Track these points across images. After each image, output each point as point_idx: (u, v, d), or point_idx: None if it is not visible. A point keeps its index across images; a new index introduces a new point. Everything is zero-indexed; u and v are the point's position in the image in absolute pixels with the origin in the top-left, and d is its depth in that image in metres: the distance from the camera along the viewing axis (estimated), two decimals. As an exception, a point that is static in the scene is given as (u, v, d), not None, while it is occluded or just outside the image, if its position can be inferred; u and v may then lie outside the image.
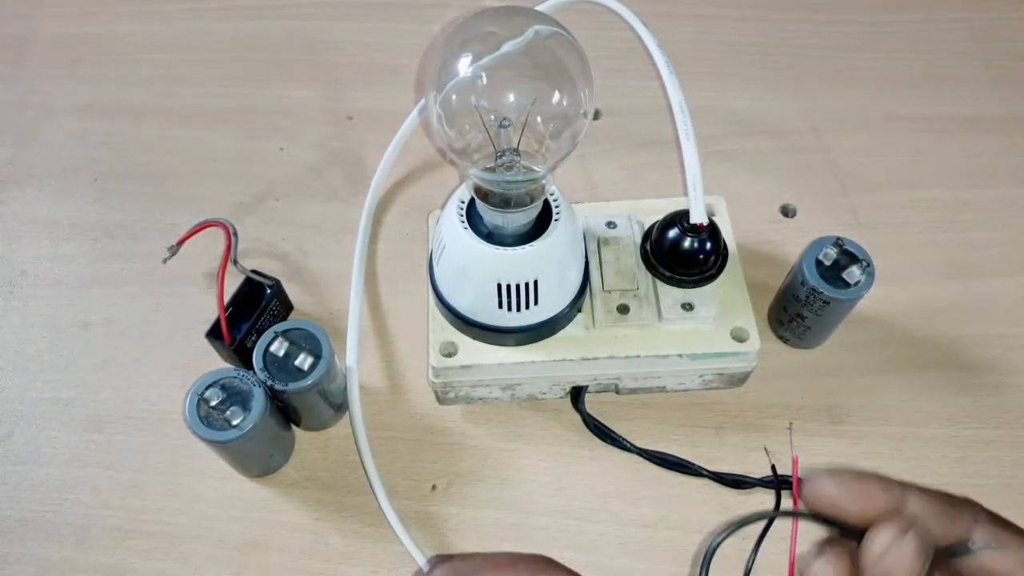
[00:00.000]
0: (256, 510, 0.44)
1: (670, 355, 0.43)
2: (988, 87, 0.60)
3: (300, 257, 0.53)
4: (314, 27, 0.66)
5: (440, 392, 0.45)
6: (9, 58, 0.65)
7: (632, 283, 0.44)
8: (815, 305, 0.44)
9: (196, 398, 0.40)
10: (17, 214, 0.56)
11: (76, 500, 0.45)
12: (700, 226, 0.42)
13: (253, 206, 0.55)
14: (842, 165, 0.56)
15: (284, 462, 0.45)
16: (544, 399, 0.46)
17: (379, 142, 0.55)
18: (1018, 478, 0.44)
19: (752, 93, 0.60)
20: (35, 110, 0.62)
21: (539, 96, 0.38)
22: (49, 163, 0.59)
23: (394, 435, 0.46)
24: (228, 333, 0.44)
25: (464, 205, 0.41)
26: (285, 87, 0.62)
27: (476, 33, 0.38)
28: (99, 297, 0.52)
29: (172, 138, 0.60)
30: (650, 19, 0.43)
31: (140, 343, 0.50)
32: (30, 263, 0.54)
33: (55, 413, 0.47)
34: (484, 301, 0.41)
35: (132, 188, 0.57)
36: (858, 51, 0.63)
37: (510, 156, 0.39)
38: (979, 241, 0.53)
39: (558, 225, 0.40)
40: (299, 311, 0.50)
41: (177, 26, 0.67)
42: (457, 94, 0.37)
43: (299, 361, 0.41)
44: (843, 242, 0.43)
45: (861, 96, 0.60)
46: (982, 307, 0.50)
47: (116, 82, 0.63)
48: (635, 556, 0.42)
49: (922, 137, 0.58)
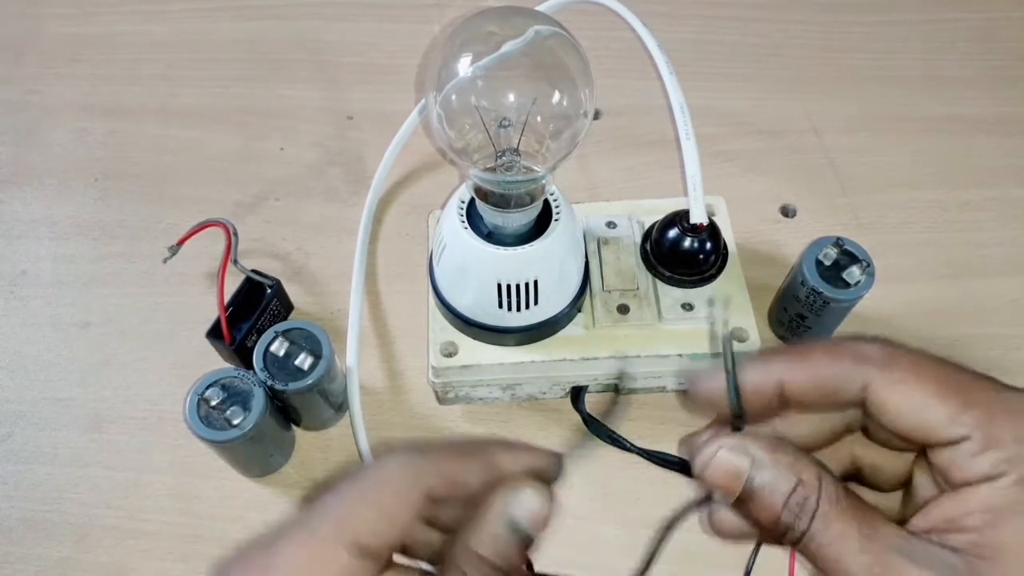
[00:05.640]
0: (256, 510, 0.44)
1: (670, 355, 0.43)
2: (988, 87, 0.60)
3: (300, 257, 0.53)
4: (314, 27, 0.66)
5: (440, 392, 0.45)
6: (9, 58, 0.65)
7: (632, 283, 0.44)
8: (815, 305, 0.44)
9: (196, 398, 0.40)
10: (17, 214, 0.56)
11: (76, 500, 0.45)
12: (700, 226, 0.42)
13: (253, 206, 0.55)
14: (842, 165, 0.56)
15: (284, 462, 0.45)
16: (544, 399, 0.46)
17: (379, 142, 0.55)
18: (1018, 478, 0.44)
19: (752, 93, 0.60)
20: (35, 110, 0.62)
21: (539, 96, 0.38)
22: (49, 163, 0.59)
23: (394, 435, 0.46)
24: (228, 333, 0.44)
25: (464, 205, 0.41)
26: (285, 87, 0.62)
27: (476, 33, 0.38)
28: (99, 297, 0.52)
29: (172, 138, 0.60)
30: (650, 19, 0.43)
31: (140, 343, 0.50)
32: (30, 263, 0.54)
33: (55, 413, 0.47)
34: (484, 301, 0.41)
35: (132, 188, 0.57)
36: (858, 51, 0.63)
37: (510, 156, 0.39)
38: (979, 241, 0.53)
39: (558, 225, 0.40)
40: (299, 311, 0.50)
41: (177, 26, 0.67)
42: (457, 94, 0.37)
43: (299, 361, 0.41)
44: (843, 242, 0.43)
45: (861, 96, 0.60)
46: (982, 307, 0.50)
47: (116, 82, 0.63)
48: (635, 556, 0.42)
49: (922, 137, 0.58)
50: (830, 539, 0.22)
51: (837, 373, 0.24)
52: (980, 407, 0.22)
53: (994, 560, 0.20)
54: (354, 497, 0.24)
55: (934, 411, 0.22)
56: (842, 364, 0.24)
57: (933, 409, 0.22)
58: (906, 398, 0.23)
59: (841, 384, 0.24)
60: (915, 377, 0.23)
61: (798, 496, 0.23)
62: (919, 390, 0.22)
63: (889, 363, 0.23)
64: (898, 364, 0.23)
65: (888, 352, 0.23)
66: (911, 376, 0.23)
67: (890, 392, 0.23)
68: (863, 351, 0.24)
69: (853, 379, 0.23)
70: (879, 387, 0.23)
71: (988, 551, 0.21)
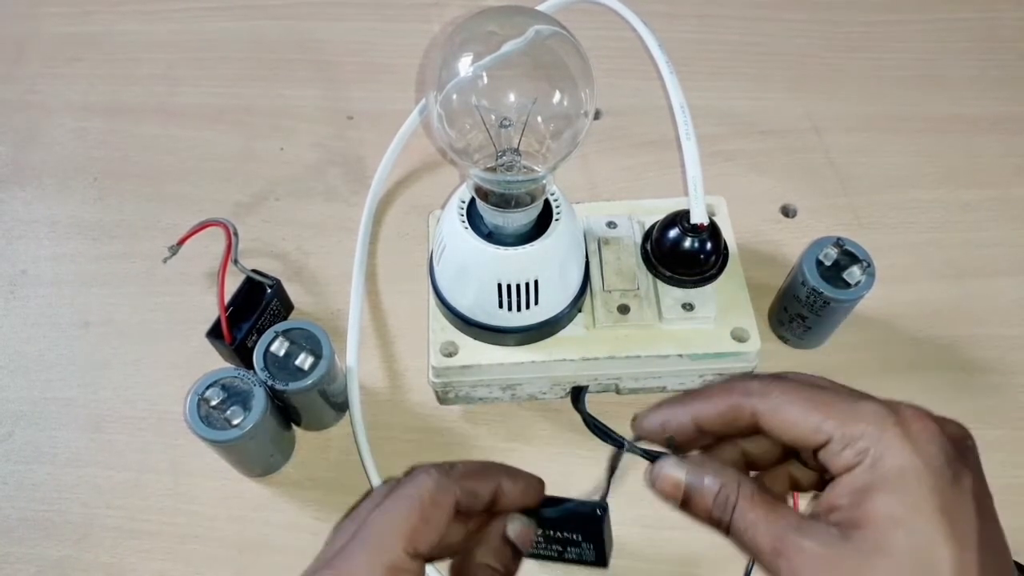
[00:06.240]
0: (256, 510, 0.44)
1: (670, 355, 0.43)
2: (988, 87, 0.60)
3: (300, 257, 0.53)
4: (314, 27, 0.66)
5: (440, 392, 0.45)
6: (9, 58, 0.65)
7: (632, 283, 0.44)
8: (815, 305, 0.44)
9: (197, 398, 0.40)
10: (17, 213, 0.56)
11: (76, 500, 0.45)
12: (700, 226, 0.42)
13: (253, 206, 0.55)
14: (842, 165, 0.56)
15: (284, 462, 0.45)
16: (544, 399, 0.46)
17: (379, 142, 0.55)
18: (1018, 478, 0.44)
19: (752, 93, 0.60)
20: (35, 110, 0.62)
21: (540, 96, 0.38)
22: (49, 163, 0.59)
23: (394, 435, 0.46)
24: (228, 333, 0.44)
25: (465, 205, 0.41)
26: (285, 87, 0.62)
27: (477, 33, 0.38)
28: (99, 297, 0.52)
29: (172, 138, 0.60)
30: (650, 19, 0.43)
31: (140, 343, 0.50)
32: (30, 263, 0.54)
33: (55, 413, 0.47)
34: (484, 301, 0.41)
35: (132, 188, 0.57)
36: (858, 51, 0.63)
37: (511, 156, 0.39)
38: (979, 241, 0.53)
39: (558, 225, 0.40)
40: (299, 311, 0.50)
41: (177, 26, 0.67)
42: (458, 94, 0.37)
43: (299, 361, 0.41)
44: (843, 242, 0.43)
45: (861, 96, 0.60)
46: (982, 307, 0.50)
47: (116, 82, 0.63)
48: (635, 556, 0.42)
49: (922, 137, 0.58)
50: (746, 525, 0.28)
51: (732, 406, 0.30)
52: (838, 415, 0.28)
53: (862, 528, 0.26)
54: (404, 512, 0.30)
55: (803, 424, 0.28)
56: (734, 399, 0.30)
57: (802, 422, 0.28)
58: (781, 419, 0.29)
59: (737, 414, 0.30)
60: (786, 401, 0.29)
61: (721, 496, 0.29)
62: (789, 410, 0.29)
63: (766, 392, 0.30)
64: (772, 393, 0.29)
65: (765, 384, 0.30)
66: (783, 401, 0.29)
67: (771, 415, 0.29)
68: (748, 387, 0.30)
69: (744, 409, 0.30)
70: (762, 412, 0.29)
71: (857, 522, 0.26)
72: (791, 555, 0.27)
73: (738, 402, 0.30)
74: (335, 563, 0.30)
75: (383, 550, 0.29)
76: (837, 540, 0.26)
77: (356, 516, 0.32)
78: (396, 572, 0.29)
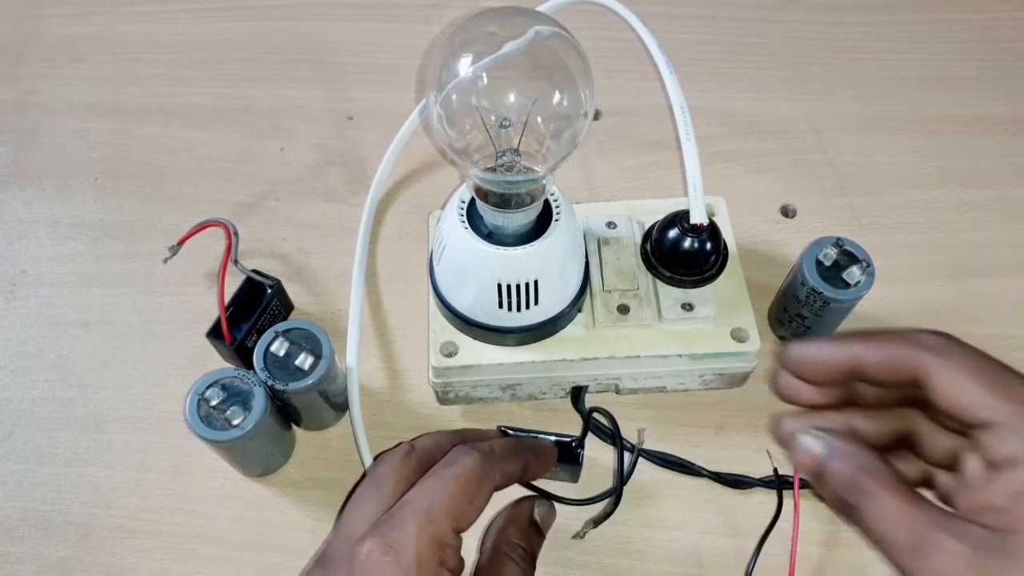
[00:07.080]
0: (256, 510, 0.44)
1: (670, 355, 0.43)
2: (988, 87, 0.60)
3: (300, 257, 0.53)
4: (314, 27, 0.66)
5: (440, 392, 0.45)
6: (9, 58, 0.65)
7: (632, 283, 0.44)
8: (815, 305, 0.44)
9: (197, 398, 0.40)
10: (18, 214, 0.56)
11: (76, 500, 0.45)
12: (700, 226, 0.42)
13: (253, 206, 0.55)
14: (842, 165, 0.56)
15: (284, 462, 0.45)
16: (544, 399, 0.46)
17: (379, 142, 0.55)
18: (1018, 478, 0.44)
19: (752, 93, 0.60)
20: (35, 110, 0.62)
21: (540, 96, 0.38)
22: (49, 163, 0.59)
23: (394, 435, 0.46)
24: (229, 333, 0.44)
25: (464, 205, 0.41)
26: (285, 87, 0.62)
27: (477, 33, 0.38)
28: (99, 297, 0.52)
29: (172, 138, 0.60)
30: (650, 19, 0.43)
31: (140, 343, 0.50)
32: (31, 263, 0.54)
33: (55, 413, 0.48)
34: (484, 301, 0.41)
35: (132, 188, 0.57)
36: (858, 51, 0.63)
37: (511, 156, 0.39)
38: (979, 241, 0.53)
39: (558, 225, 0.40)
40: (299, 311, 0.50)
41: (177, 26, 0.67)
42: (458, 94, 0.38)
43: (299, 361, 0.41)
44: (843, 242, 0.43)
45: (861, 96, 0.60)
46: (982, 307, 0.50)
47: (116, 82, 0.63)
48: (635, 556, 0.42)
49: (922, 137, 0.58)
50: (881, 515, 0.26)
51: (903, 354, 0.29)
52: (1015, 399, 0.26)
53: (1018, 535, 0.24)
54: (452, 491, 0.32)
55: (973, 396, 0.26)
56: (907, 348, 0.29)
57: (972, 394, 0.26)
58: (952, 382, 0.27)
59: (904, 363, 0.28)
60: (963, 366, 0.27)
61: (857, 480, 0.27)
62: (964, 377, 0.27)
63: (944, 352, 0.28)
64: (951, 353, 0.28)
65: (944, 343, 0.28)
66: (960, 365, 0.27)
67: (941, 376, 0.27)
68: (925, 340, 0.28)
69: (914, 360, 0.28)
70: (932, 370, 0.27)
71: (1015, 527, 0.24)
72: (933, 554, 0.25)
73: (909, 353, 0.28)
74: (383, 531, 0.30)
75: (433, 524, 0.31)
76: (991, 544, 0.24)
77: (375, 486, 0.33)
78: (442, 548, 0.31)
